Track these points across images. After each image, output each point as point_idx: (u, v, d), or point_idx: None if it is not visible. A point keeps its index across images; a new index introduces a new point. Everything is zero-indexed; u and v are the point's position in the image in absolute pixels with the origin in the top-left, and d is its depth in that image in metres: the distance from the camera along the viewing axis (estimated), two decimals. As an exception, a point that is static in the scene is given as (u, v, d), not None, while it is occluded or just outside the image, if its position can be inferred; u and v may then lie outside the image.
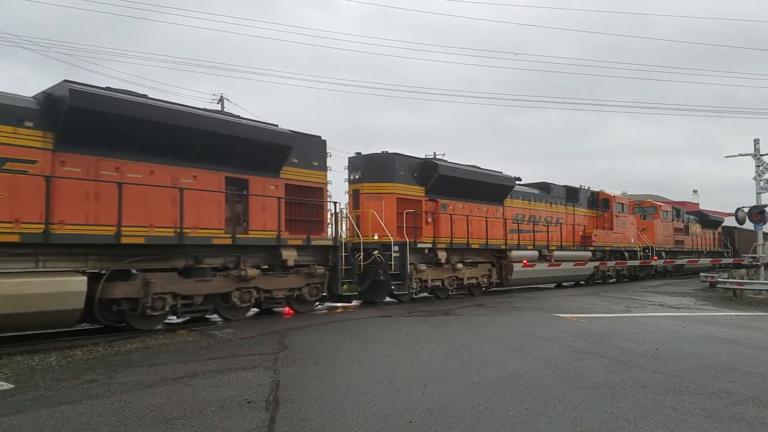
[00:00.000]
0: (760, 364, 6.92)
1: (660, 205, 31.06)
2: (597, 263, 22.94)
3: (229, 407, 4.98)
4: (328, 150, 13.32)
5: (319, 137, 13.05)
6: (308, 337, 9.09)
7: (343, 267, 12.95)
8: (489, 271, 18.03)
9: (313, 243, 12.41)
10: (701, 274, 23.79)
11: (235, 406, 5.03)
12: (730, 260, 28.66)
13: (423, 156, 16.92)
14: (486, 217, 17.66)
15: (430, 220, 15.86)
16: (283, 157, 11.82)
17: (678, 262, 27.46)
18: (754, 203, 20.30)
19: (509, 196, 19.12)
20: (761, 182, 20.39)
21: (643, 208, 30.39)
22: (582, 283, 23.45)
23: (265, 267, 11.78)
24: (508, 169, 22.94)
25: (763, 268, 20.03)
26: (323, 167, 13.03)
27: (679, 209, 33.78)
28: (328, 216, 13.21)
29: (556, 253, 20.38)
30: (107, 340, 8.79)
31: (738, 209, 22.61)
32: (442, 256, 15.76)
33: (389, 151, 15.47)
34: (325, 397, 5.31)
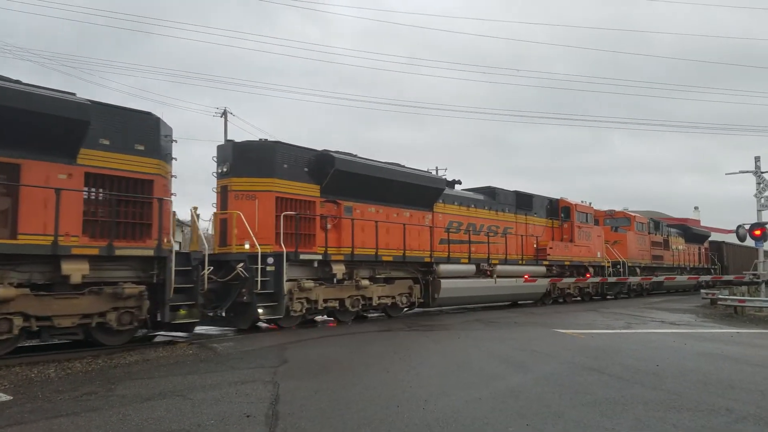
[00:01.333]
0: (761, 381, 6.89)
1: (634, 216, 28.25)
2: (555, 279, 20.60)
3: (229, 421, 4.97)
4: (173, 136, 10.43)
5: (150, 114, 9.89)
6: (308, 351, 9.06)
7: (177, 285, 9.60)
8: (410, 288, 15.12)
9: (118, 252, 9.05)
10: (702, 291, 23.71)
11: (234, 420, 5.01)
12: (709, 278, 27.17)
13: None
14: (405, 224, 14.74)
15: (329, 225, 13.06)
16: (79, 135, 8.74)
17: (656, 279, 24.80)
18: (755, 220, 20.31)
19: (441, 201, 16.43)
20: (762, 199, 20.42)
21: (615, 219, 27.78)
22: (533, 302, 20.75)
23: (45, 284, 8.62)
24: (507, 185, 22.11)
25: (764, 285, 19.97)
26: (156, 154, 9.75)
27: (658, 222, 31.30)
28: (169, 218, 10.15)
29: (499, 267, 17.76)
30: (107, 353, 8.77)
31: (739, 226, 22.54)
32: (339, 270, 12.88)
33: (269, 139, 12.73)
34: (325, 412, 5.29)
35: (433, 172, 20.24)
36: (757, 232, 19.38)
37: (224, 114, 31.02)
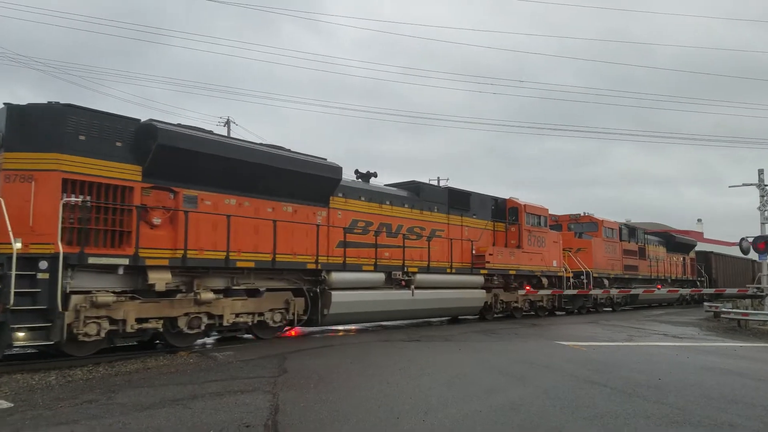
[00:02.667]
0: (765, 396, 6.85)
1: (602, 221, 24.84)
2: (498, 291, 17.97)
3: (228, 430, 4.96)
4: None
5: None
6: (308, 361, 9.05)
7: None
8: (288, 302, 11.77)
9: None
10: (705, 303, 23.52)
11: (233, 429, 5.00)
12: (688, 290, 25.73)
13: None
14: (275, 220, 11.28)
15: (157, 220, 9.79)
16: None
17: (623, 291, 23.28)
18: (758, 233, 20.25)
19: (341, 195, 13.31)
20: (766, 212, 20.37)
21: (580, 223, 24.73)
22: (473, 317, 17.99)
23: None
24: (508, 195, 20.90)
25: (767, 298, 19.88)
26: None
27: (634, 228, 28.09)
28: None
29: (419, 277, 14.71)
30: (107, 360, 8.77)
31: (742, 239, 22.44)
32: (159, 279, 9.57)
33: (62, 102, 9.24)
34: (324, 423, 5.28)
35: (434, 182, 18.79)
36: (762, 245, 19.31)
37: (227, 123, 31.17)
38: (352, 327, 14.81)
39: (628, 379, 7.72)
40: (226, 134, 30.96)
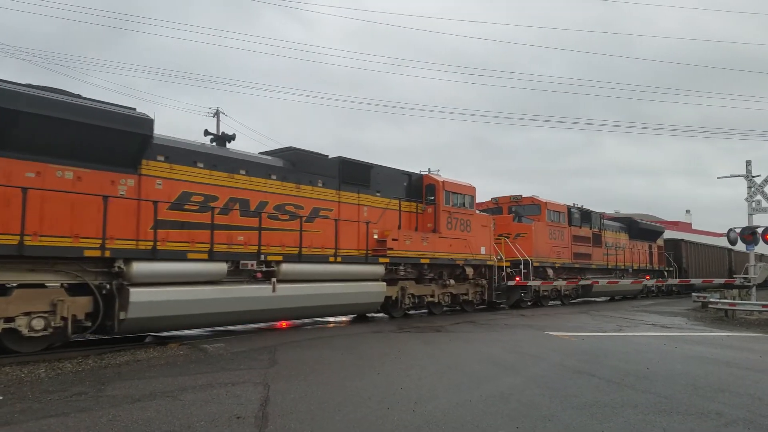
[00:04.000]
0: (751, 385, 6.95)
1: (545, 203, 21.90)
2: (407, 283, 15.02)
3: (219, 422, 4.96)
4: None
5: None
6: (299, 353, 9.05)
7: None
8: (55, 305, 8.49)
9: None
10: (693, 294, 23.67)
11: (224, 421, 5.00)
12: (653, 282, 23.09)
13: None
14: (25, 188, 8.11)
15: None
16: None
17: (582, 282, 21.44)
18: (745, 224, 20.46)
19: (164, 159, 10.10)
20: (753, 203, 20.58)
21: (521, 206, 21.94)
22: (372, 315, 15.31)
23: None
24: (495, 188, 19.92)
25: (754, 288, 20.12)
26: None
27: (588, 212, 24.54)
28: None
29: (286, 267, 11.60)
30: (97, 353, 8.73)
31: (730, 230, 22.64)
32: None
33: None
34: (315, 414, 5.29)
35: (429, 173, 16.16)
36: (749, 236, 19.52)
37: (216, 114, 30.99)
38: (343, 319, 14.80)
39: (616, 369, 7.80)
40: (215, 125, 30.60)
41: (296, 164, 12.66)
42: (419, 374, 7.31)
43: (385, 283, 14.10)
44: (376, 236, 14.28)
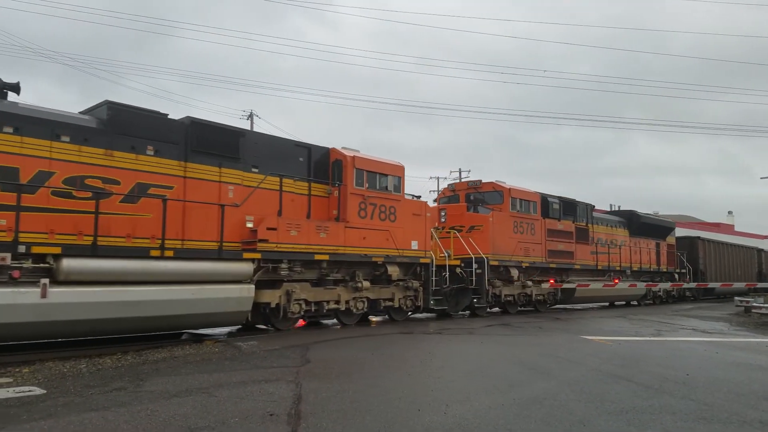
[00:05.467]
0: (797, 394, 6.67)
1: (509, 189, 17.95)
2: (295, 286, 11.65)
3: (252, 419, 5.03)
4: None
5: None
6: (331, 352, 9.12)
7: None
8: None
9: None
10: (736, 298, 22.69)
11: (257, 418, 5.07)
12: (668, 286, 21.88)
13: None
14: None
15: None
16: None
17: (567, 285, 18.90)
18: (792, 226, 19.70)
19: None
20: (799, 205, 19.79)
21: (481, 193, 18.07)
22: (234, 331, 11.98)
23: None
24: (524, 187, 18.15)
25: (801, 293, 19.35)
26: None
27: (573, 203, 20.95)
28: None
29: (73, 264, 8.50)
30: (135, 349, 8.97)
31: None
32: None
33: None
34: (347, 413, 5.32)
35: (459, 176, 17.18)
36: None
37: (250, 116, 31.51)
38: (373, 319, 14.85)
39: (654, 374, 7.60)
40: (249, 127, 31.16)
41: (110, 124, 9.54)
42: (450, 376, 7.27)
43: (253, 287, 10.74)
44: (251, 225, 11.08)
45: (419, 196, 15.06)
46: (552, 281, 18.76)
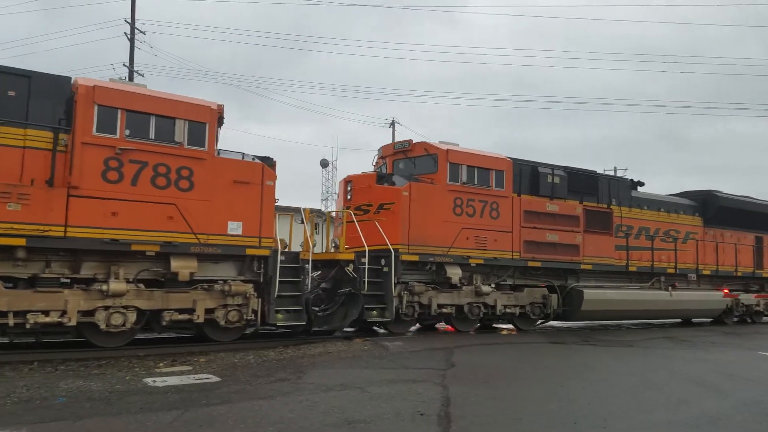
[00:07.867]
0: None
1: (446, 151, 12.03)
2: None
3: (404, 417, 5.19)
4: None
5: None
6: (475, 357, 9.07)
7: None
8: None
9: None
10: None
11: (408, 416, 5.22)
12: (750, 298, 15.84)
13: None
14: None
15: None
16: None
17: (575, 285, 13.57)
18: None
19: None
20: None
21: (410, 159, 12.73)
22: None
23: None
24: (685, 186, 15.56)
25: None
26: None
27: (590, 175, 14.85)
28: None
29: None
30: (294, 343, 9.68)
31: None
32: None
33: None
34: (496, 420, 5.27)
35: (610, 173, 15.88)
36: None
37: (392, 124, 32.55)
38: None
39: None
40: (391, 138, 32.11)
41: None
42: (607, 390, 6.87)
43: None
44: None
45: (267, 158, 10.07)
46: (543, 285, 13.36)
